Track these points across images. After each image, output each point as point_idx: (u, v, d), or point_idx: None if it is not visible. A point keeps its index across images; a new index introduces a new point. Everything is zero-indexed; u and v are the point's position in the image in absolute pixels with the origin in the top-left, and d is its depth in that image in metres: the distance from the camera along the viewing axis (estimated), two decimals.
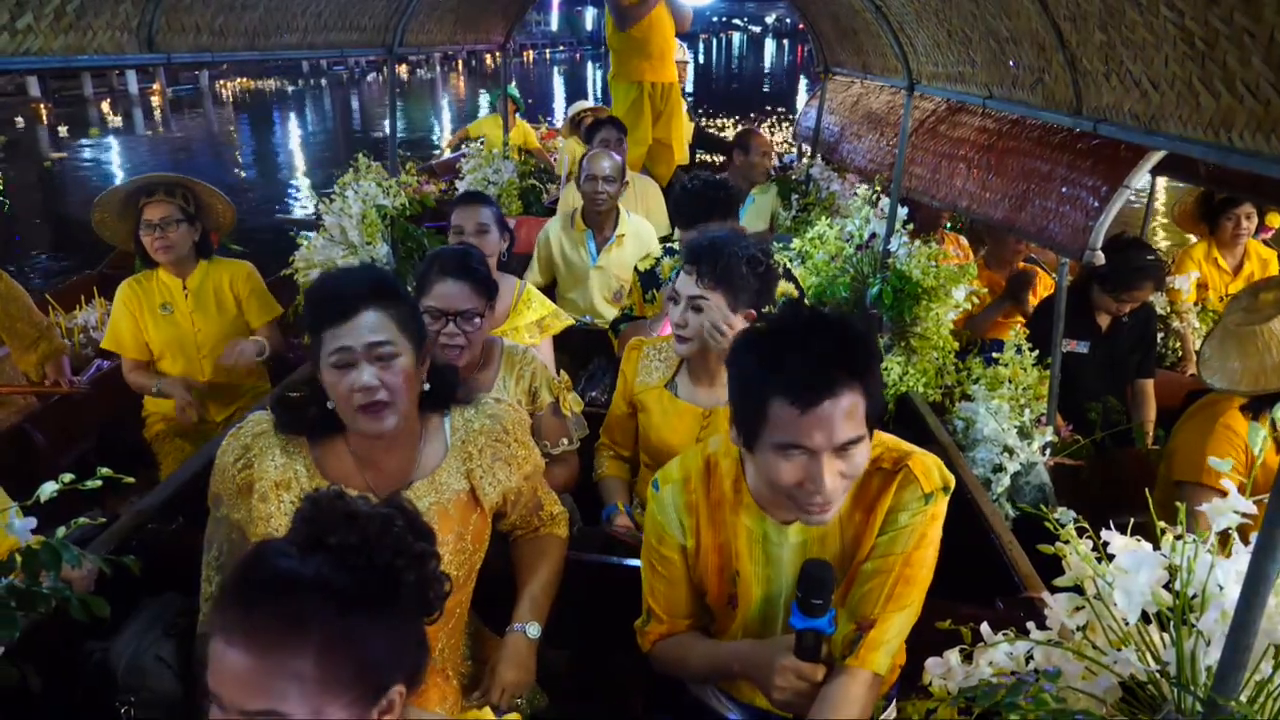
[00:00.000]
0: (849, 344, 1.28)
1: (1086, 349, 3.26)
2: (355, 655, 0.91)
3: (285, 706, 0.86)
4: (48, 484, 1.40)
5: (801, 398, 1.24)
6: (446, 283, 2.07)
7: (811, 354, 1.25)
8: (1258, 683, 1.13)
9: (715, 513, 1.48)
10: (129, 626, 1.72)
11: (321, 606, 0.89)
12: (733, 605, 1.51)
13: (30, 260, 8.86)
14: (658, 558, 1.53)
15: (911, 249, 3.06)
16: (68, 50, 1.64)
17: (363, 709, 0.92)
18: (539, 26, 53.01)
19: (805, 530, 1.43)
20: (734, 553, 1.47)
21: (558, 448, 2.29)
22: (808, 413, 1.24)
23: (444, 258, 2.15)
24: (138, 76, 24.41)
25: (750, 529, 1.45)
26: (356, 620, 0.91)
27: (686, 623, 1.58)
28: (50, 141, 17.11)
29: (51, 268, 8.47)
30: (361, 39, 3.14)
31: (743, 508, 1.45)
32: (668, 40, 5.37)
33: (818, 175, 4.62)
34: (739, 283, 1.95)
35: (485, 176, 4.72)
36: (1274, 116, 1.14)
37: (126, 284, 3.00)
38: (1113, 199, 2.35)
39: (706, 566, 1.51)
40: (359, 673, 0.91)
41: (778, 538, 1.44)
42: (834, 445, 1.26)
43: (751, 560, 1.46)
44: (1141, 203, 5.39)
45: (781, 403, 1.25)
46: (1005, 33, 2.02)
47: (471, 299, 2.08)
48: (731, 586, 1.50)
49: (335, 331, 1.42)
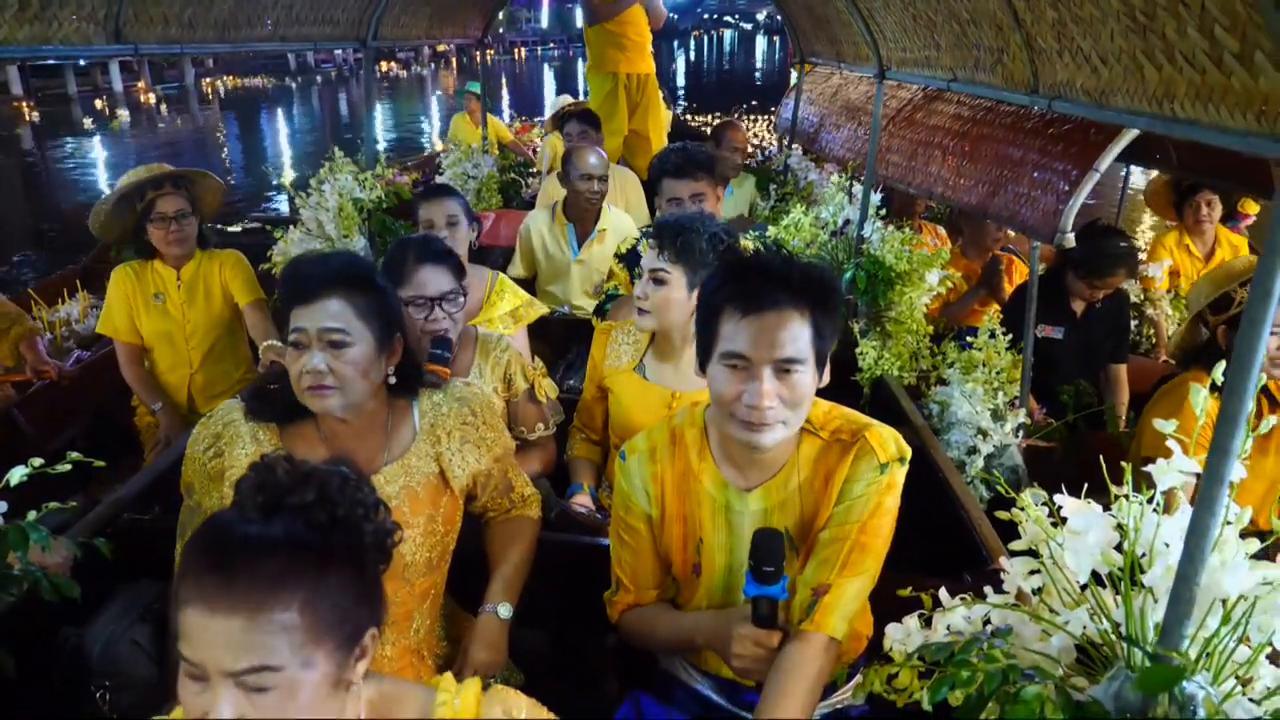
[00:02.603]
0: (803, 273, 1.36)
1: (1061, 335, 3.31)
2: (335, 604, 0.95)
3: (276, 659, 0.90)
4: (17, 468, 1.41)
5: (744, 306, 1.34)
6: (424, 269, 2.10)
7: (764, 272, 1.35)
8: (1205, 639, 1.16)
9: (681, 483, 1.52)
10: (104, 612, 1.73)
11: (298, 562, 0.93)
12: (696, 573, 1.54)
13: (12, 257, 8.82)
14: (625, 527, 1.57)
15: (885, 234, 3.09)
16: (33, 40, 1.65)
17: (344, 652, 0.97)
18: (529, 24, 52.81)
19: (766, 498, 1.46)
20: (698, 522, 1.51)
21: (534, 433, 2.31)
22: (749, 320, 1.33)
23: (415, 246, 2.16)
24: (122, 74, 24.28)
25: (714, 497, 1.48)
26: (331, 571, 0.95)
27: (653, 593, 1.61)
28: (33, 139, 17.00)
29: (35, 265, 8.43)
30: (335, 32, 3.14)
31: (707, 477, 1.49)
32: (642, 32, 5.39)
33: (795, 165, 4.65)
34: (699, 259, 2.01)
35: (465, 171, 4.73)
36: (1210, 85, 1.17)
37: (121, 270, 3.01)
38: (1082, 182, 2.38)
39: (671, 536, 1.54)
40: (339, 620, 0.95)
41: (739, 505, 1.47)
42: (773, 359, 1.33)
43: (715, 529, 1.50)
44: (1138, 193, 5.44)
45: (729, 312, 1.36)
46: (966, 15, 2.05)
47: (450, 280, 2.12)
48: (696, 555, 1.53)
49: (297, 311, 1.46)
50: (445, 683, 1.10)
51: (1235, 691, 1.14)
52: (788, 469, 1.47)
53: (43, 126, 18.49)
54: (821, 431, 1.47)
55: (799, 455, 1.47)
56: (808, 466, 1.45)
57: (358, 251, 3.31)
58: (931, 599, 1.36)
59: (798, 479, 1.46)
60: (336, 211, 3.22)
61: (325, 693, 0.94)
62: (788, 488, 1.46)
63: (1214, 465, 1.03)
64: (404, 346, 1.59)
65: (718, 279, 1.42)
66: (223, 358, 3.14)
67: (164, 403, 3.03)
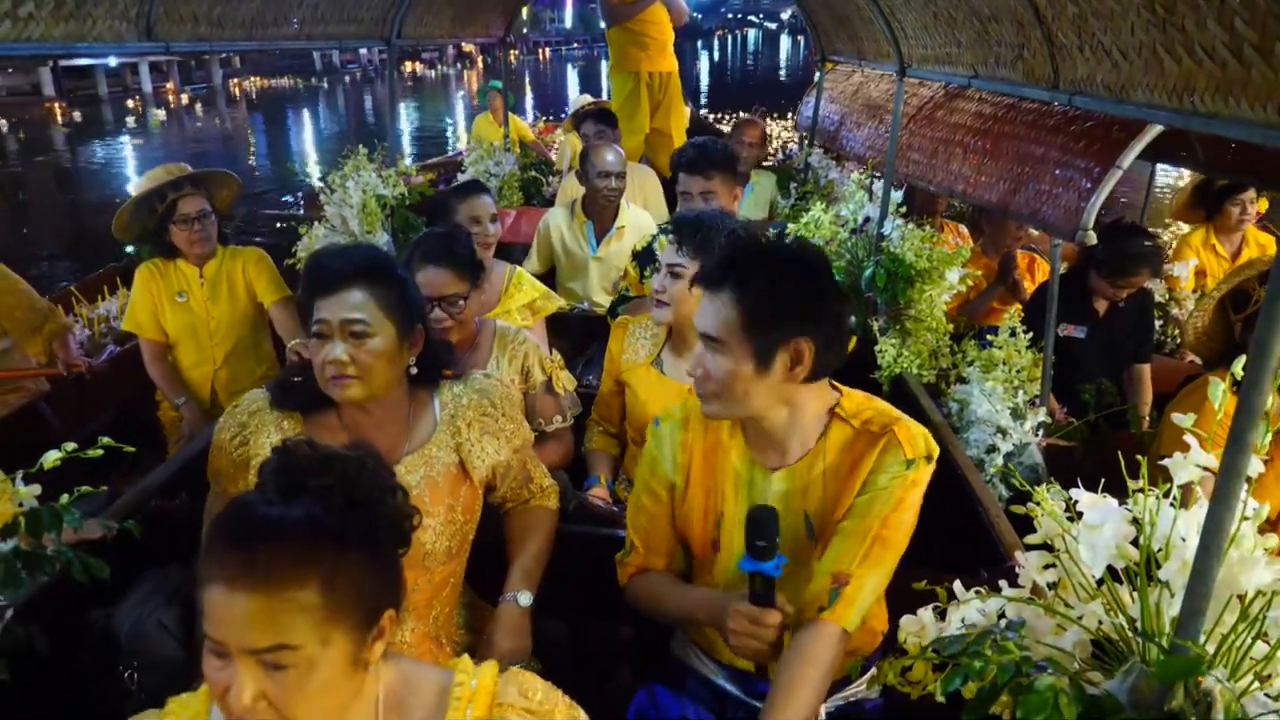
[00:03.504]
0: (754, 261, 1.41)
1: (1084, 334, 3.28)
2: (353, 585, 0.97)
3: (295, 638, 0.92)
4: (51, 452, 1.45)
5: (700, 284, 1.45)
6: (428, 270, 2.13)
7: (723, 257, 1.44)
8: (1222, 635, 1.16)
9: (710, 454, 1.55)
10: (132, 595, 1.77)
11: (318, 544, 0.95)
12: (715, 549, 1.56)
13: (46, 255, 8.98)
14: (647, 491, 1.61)
15: (905, 232, 3.09)
16: (68, 38, 1.69)
17: (362, 632, 0.99)
18: (554, 24, 52.95)
19: (790, 480, 1.48)
20: (721, 495, 1.53)
21: (551, 425, 2.33)
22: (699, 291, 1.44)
23: (426, 245, 2.20)
24: (151, 75, 24.63)
25: (739, 472, 1.51)
26: (350, 552, 0.97)
27: (662, 560, 1.64)
28: (64, 139, 17.28)
29: (69, 262, 8.58)
30: (359, 31, 3.18)
31: (735, 452, 1.52)
32: (664, 31, 5.39)
33: (816, 164, 4.64)
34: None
35: (487, 169, 4.77)
36: (1230, 78, 1.16)
37: (145, 267, 3.05)
38: (1105, 179, 2.37)
39: (692, 508, 1.57)
40: (357, 600, 0.97)
41: (763, 484, 1.49)
42: (701, 333, 1.42)
43: (737, 504, 1.52)
44: (1168, 194, 5.37)
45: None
46: (987, 11, 2.04)
47: (454, 283, 2.14)
48: (715, 531, 1.55)
49: (319, 303, 1.49)
50: (462, 664, 1.12)
51: (1254, 688, 1.13)
52: (814, 453, 1.48)
53: (74, 126, 18.80)
54: (853, 419, 1.48)
55: (827, 440, 1.48)
56: (834, 453, 1.46)
57: (380, 247, 3.35)
58: (946, 593, 1.36)
59: (823, 464, 1.47)
60: (360, 208, 3.26)
61: (343, 671, 0.97)
62: (812, 472, 1.48)
63: (1231, 459, 1.03)
64: (425, 337, 1.61)
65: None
66: (246, 354, 3.18)
67: (187, 398, 3.08)
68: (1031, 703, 1.11)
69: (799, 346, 1.38)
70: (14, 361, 3.16)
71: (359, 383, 1.49)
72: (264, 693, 0.92)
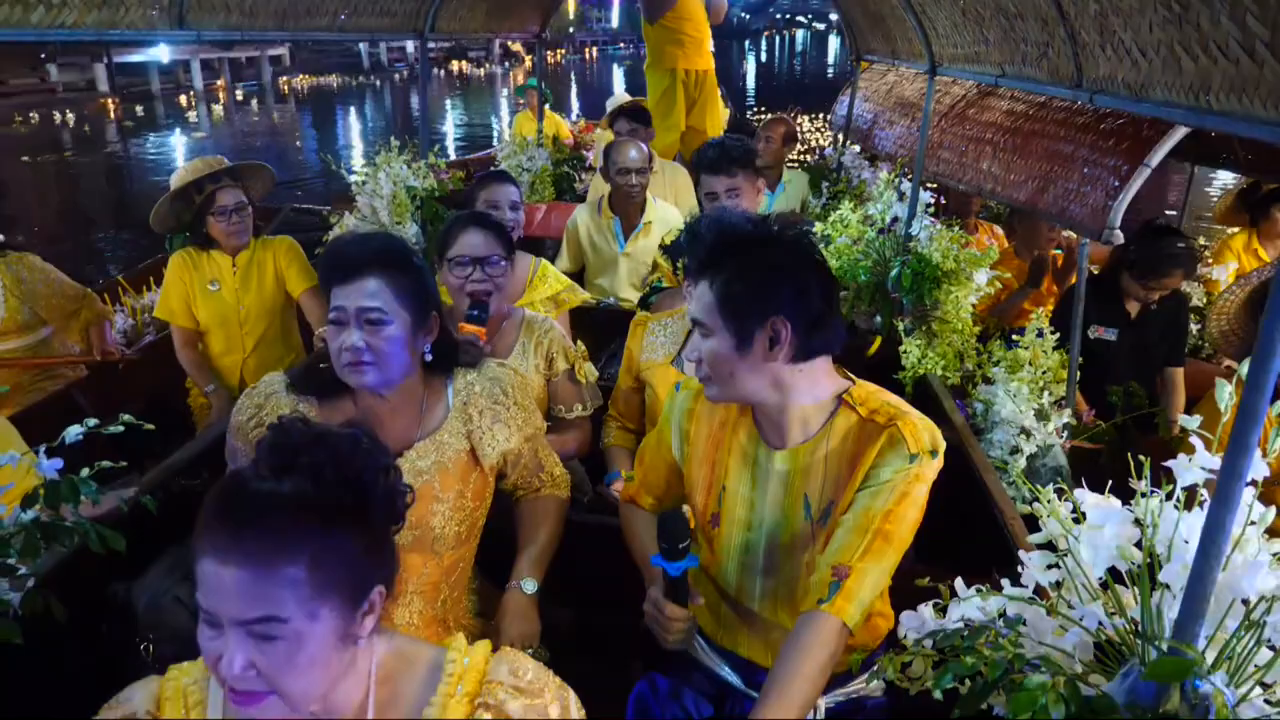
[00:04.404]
0: (726, 245, 1.45)
1: (1114, 336, 3.22)
2: (341, 560, 0.99)
3: (284, 611, 0.94)
4: (73, 427, 1.50)
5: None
6: (470, 231, 2.19)
7: (700, 245, 1.48)
8: (1224, 639, 1.14)
9: (717, 431, 1.58)
10: (151, 570, 1.82)
11: (307, 520, 0.97)
12: (714, 525, 1.58)
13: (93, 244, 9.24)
14: (656, 435, 1.70)
15: (934, 232, 3.05)
16: (101, 25, 1.74)
17: (351, 608, 1.01)
18: (600, 24, 53.07)
19: (793, 460, 1.49)
20: (725, 469, 1.56)
21: (571, 412, 2.35)
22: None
23: (462, 217, 2.27)
24: (203, 72, 25.20)
25: (744, 448, 1.54)
26: (339, 529, 0.99)
27: (650, 500, 1.74)
28: (117, 133, 17.76)
29: (120, 255, 8.82)
30: (392, 24, 3.22)
31: (743, 430, 1.55)
32: (701, 29, 5.38)
33: (849, 163, 4.61)
34: None
35: (519, 164, 4.80)
36: (1244, 76, 1.14)
37: (179, 256, 3.13)
38: (1132, 178, 2.33)
39: (695, 479, 1.61)
40: (346, 576, 0.99)
41: (766, 462, 1.51)
42: (690, 317, 1.48)
43: (740, 479, 1.54)
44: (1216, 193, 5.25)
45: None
46: (1013, 8, 2.02)
47: (494, 246, 2.20)
48: (717, 505, 1.57)
49: (337, 291, 1.52)
50: (456, 642, 1.14)
51: (1253, 695, 1.11)
52: (819, 437, 1.49)
53: (127, 121, 19.30)
54: (860, 408, 1.48)
55: (833, 425, 1.48)
56: (839, 438, 1.47)
57: (409, 238, 3.40)
58: (949, 590, 1.35)
59: (826, 448, 1.48)
60: (390, 198, 3.31)
61: (332, 644, 0.99)
62: (815, 455, 1.48)
63: (1231, 461, 1.01)
64: (440, 325, 1.64)
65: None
66: (275, 343, 3.25)
67: (216, 385, 3.15)
68: (1020, 700, 1.10)
69: (775, 326, 1.41)
70: (53, 349, 3.27)
71: (375, 369, 1.52)
72: (253, 662, 0.94)
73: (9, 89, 20.68)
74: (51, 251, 3.43)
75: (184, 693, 1.08)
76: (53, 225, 10.46)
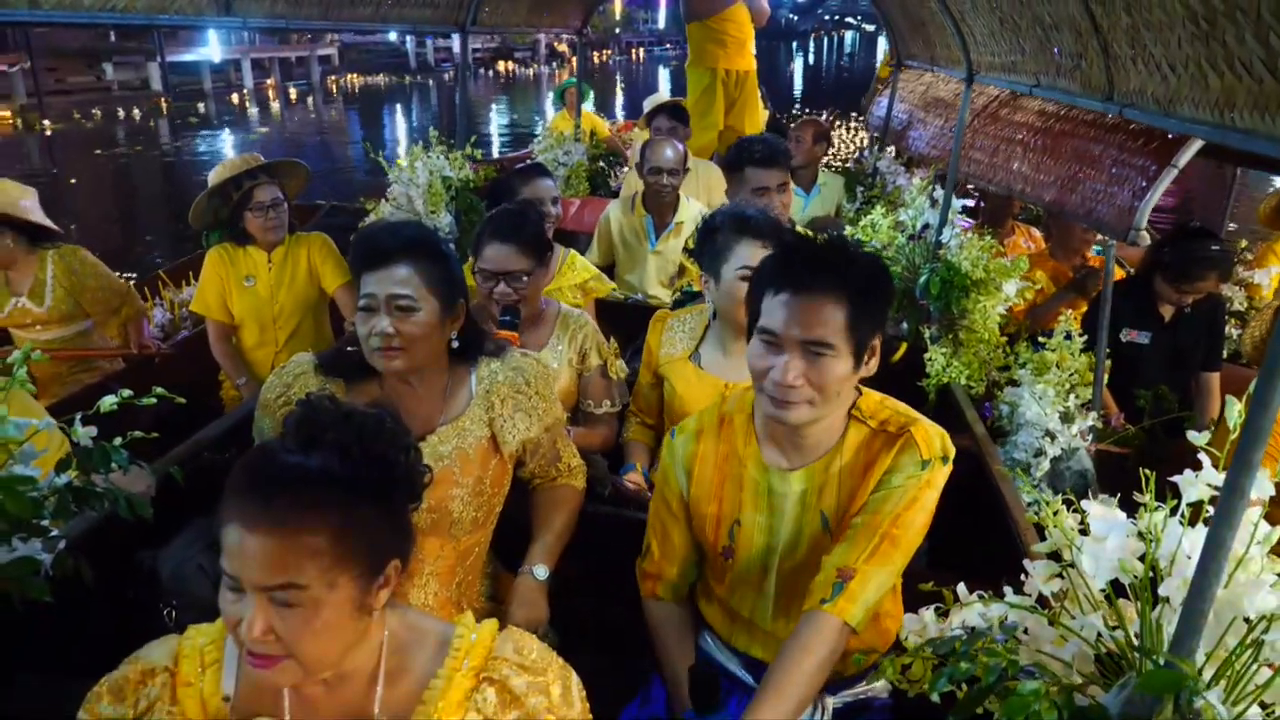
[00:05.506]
0: (850, 261, 1.40)
1: (1147, 339, 3.17)
2: (362, 533, 1.03)
3: (304, 579, 0.99)
4: (108, 397, 1.56)
5: (784, 285, 1.40)
6: (495, 245, 2.21)
7: (811, 256, 1.42)
8: (1223, 657, 1.13)
9: (723, 465, 1.58)
10: (177, 539, 1.89)
11: (331, 493, 1.02)
12: (727, 557, 1.58)
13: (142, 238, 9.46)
14: (662, 500, 1.66)
15: (964, 240, 3.03)
16: (150, 10, 1.79)
17: (367, 580, 1.05)
18: (647, 25, 53.01)
19: (808, 479, 1.50)
20: (737, 504, 1.56)
21: (601, 408, 2.38)
22: (785, 299, 1.39)
23: (496, 221, 2.28)
24: (253, 72, 25.65)
25: (757, 481, 1.53)
26: (361, 503, 1.04)
27: (675, 568, 1.67)
28: (169, 131, 18.16)
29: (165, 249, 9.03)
30: (434, 16, 3.25)
31: (751, 462, 1.54)
32: (743, 29, 5.38)
33: (884, 169, 4.58)
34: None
35: (555, 158, 4.83)
36: (1267, 94, 1.14)
37: (215, 251, 3.20)
38: (1160, 178, 2.29)
39: (704, 517, 1.60)
40: (365, 548, 1.04)
41: (782, 487, 1.52)
42: (800, 339, 1.37)
43: (756, 510, 1.54)
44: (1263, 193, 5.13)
45: (770, 291, 1.41)
46: (1048, 19, 2.01)
47: (519, 260, 2.21)
48: (729, 539, 1.57)
49: (367, 277, 1.57)
50: (464, 619, 1.19)
51: (1251, 713, 1.10)
52: (831, 453, 1.49)
53: (190, 118, 19.72)
54: (870, 420, 1.49)
55: (844, 441, 1.49)
56: (851, 452, 1.48)
57: (444, 227, 3.45)
58: (953, 595, 1.35)
59: (840, 463, 1.49)
60: (426, 188, 3.35)
61: (348, 613, 1.03)
62: (829, 471, 1.49)
63: (1234, 478, 1.00)
64: (466, 313, 1.68)
65: (772, 257, 1.49)
66: (307, 337, 3.31)
67: (248, 378, 3.22)
68: (1012, 706, 1.10)
69: (875, 343, 1.44)
70: (92, 342, 3.37)
71: (403, 354, 1.56)
72: (272, 627, 0.99)
73: (68, 86, 21.21)
74: (100, 247, 3.52)
75: (200, 651, 1.13)
76: (104, 219, 10.72)
